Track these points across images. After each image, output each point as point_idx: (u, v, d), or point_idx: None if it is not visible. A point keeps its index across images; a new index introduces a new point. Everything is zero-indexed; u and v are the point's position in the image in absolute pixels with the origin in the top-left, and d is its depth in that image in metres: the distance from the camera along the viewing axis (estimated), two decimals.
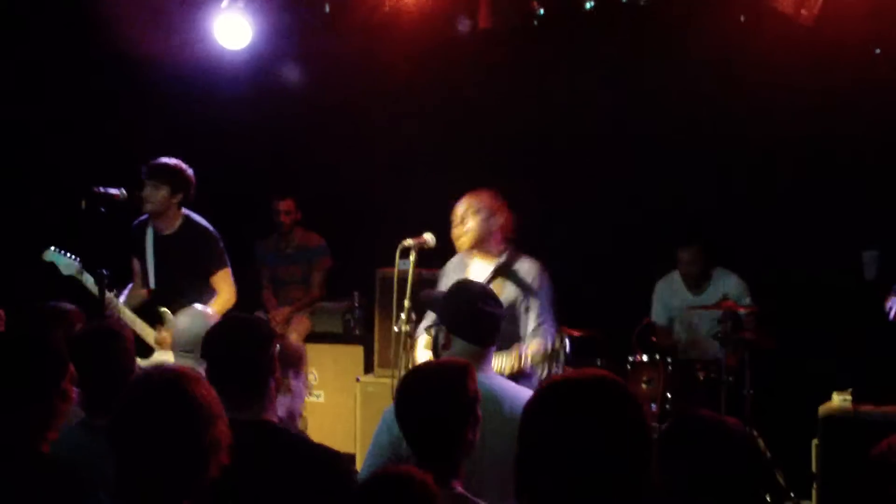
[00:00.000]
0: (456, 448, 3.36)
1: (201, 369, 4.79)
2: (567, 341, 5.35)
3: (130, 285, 6.82)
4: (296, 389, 4.31)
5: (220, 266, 6.72)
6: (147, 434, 2.71)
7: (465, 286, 4.50)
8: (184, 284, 6.59)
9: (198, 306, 5.47)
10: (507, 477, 3.60)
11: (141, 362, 5.69)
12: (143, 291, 6.73)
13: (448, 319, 4.31)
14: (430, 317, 5.96)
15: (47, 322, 5.46)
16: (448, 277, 5.88)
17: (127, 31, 7.77)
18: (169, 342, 6.26)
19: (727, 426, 2.81)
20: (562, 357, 5.31)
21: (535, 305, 5.59)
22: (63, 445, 3.48)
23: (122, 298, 6.57)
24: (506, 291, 5.62)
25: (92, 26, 7.96)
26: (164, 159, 6.62)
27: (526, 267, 5.75)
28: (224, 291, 6.69)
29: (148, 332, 6.54)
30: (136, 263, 6.80)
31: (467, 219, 5.77)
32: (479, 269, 5.83)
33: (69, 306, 5.56)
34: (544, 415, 2.38)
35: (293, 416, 4.34)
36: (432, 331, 5.92)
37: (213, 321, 5.11)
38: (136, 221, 6.79)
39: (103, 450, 3.43)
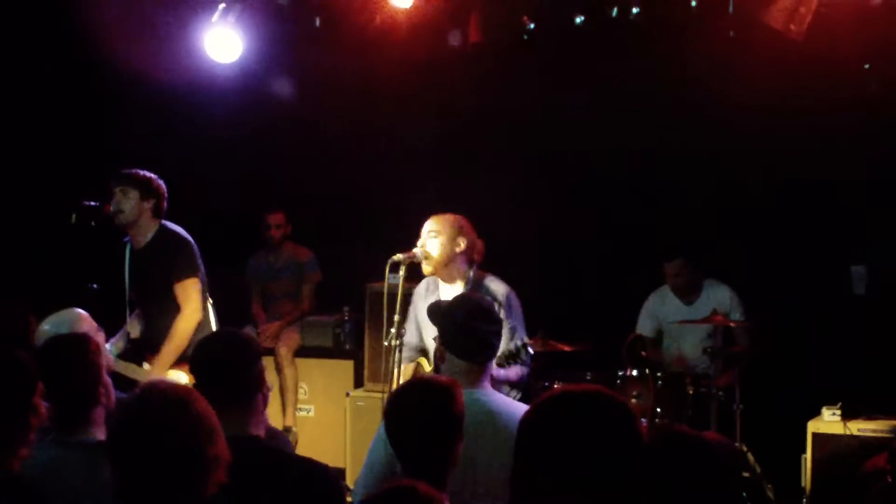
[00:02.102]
0: (445, 463, 3.39)
1: None
2: (529, 348, 5.35)
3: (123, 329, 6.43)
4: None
5: (186, 275, 6.21)
6: (149, 449, 2.70)
7: (460, 302, 4.49)
8: (162, 300, 6.27)
9: (73, 310, 5.05)
10: (498, 489, 3.67)
11: None
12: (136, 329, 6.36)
13: (442, 334, 4.31)
14: (411, 337, 5.94)
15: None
16: (421, 301, 5.90)
17: (117, 45, 7.76)
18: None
19: (705, 442, 2.81)
20: (523, 356, 5.33)
21: (506, 328, 5.40)
22: (34, 462, 3.44)
23: (109, 345, 5.93)
24: None
25: (82, 39, 7.96)
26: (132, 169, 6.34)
27: (493, 289, 5.74)
28: (187, 306, 6.19)
29: (142, 373, 6.11)
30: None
31: (428, 243, 5.78)
32: (447, 294, 5.81)
33: (19, 307, 5.28)
34: (541, 427, 2.40)
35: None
36: (417, 356, 5.96)
37: (81, 324, 4.83)
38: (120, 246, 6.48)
39: (75, 465, 3.40)
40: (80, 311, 5.05)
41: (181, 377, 6.04)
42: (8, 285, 7.58)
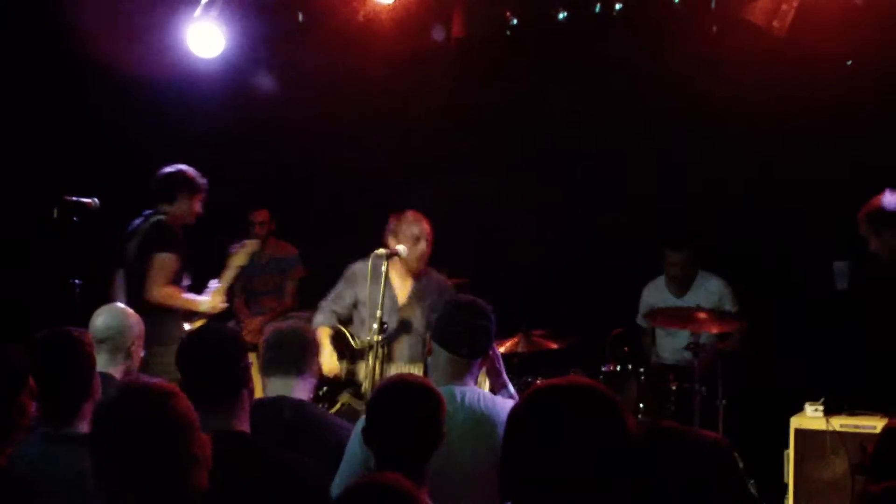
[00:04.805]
0: (424, 463, 3.41)
1: (114, 370, 4.79)
2: None
3: None
4: (318, 368, 4.62)
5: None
6: (129, 447, 2.71)
7: (454, 297, 4.72)
8: (138, 276, 6.57)
9: (118, 304, 5.36)
10: (479, 482, 3.71)
11: None
12: None
13: (433, 328, 4.32)
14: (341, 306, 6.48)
15: None
16: (364, 281, 6.19)
17: (99, 40, 7.72)
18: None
19: (697, 438, 2.80)
20: None
21: None
22: (23, 456, 3.43)
23: None
24: (417, 312, 6.36)
25: (63, 34, 7.91)
26: None
27: (434, 285, 6.38)
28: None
29: None
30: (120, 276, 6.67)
31: (421, 244, 6.23)
32: (398, 285, 6.39)
33: None
34: (530, 422, 2.39)
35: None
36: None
37: (129, 316, 5.05)
38: (129, 228, 6.71)
39: (65, 460, 3.38)
40: (124, 305, 5.29)
41: None
42: None
